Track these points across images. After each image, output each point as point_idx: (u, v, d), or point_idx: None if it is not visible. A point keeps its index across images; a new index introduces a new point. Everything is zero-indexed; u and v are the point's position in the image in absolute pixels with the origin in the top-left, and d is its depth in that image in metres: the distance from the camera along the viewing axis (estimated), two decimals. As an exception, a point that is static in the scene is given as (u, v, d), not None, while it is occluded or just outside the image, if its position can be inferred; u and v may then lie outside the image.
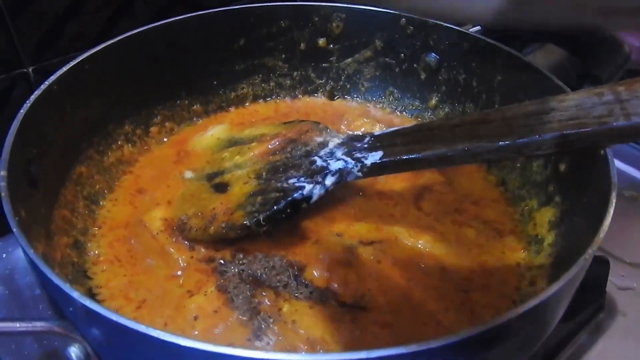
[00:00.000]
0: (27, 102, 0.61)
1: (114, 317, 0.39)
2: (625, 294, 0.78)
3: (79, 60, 0.70)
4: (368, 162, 0.66)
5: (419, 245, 0.68)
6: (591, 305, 0.74)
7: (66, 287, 0.41)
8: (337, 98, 0.94)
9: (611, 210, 0.49)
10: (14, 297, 0.74)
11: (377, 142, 0.68)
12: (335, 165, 0.67)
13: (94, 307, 0.40)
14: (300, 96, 0.94)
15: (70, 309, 0.42)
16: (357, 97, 0.94)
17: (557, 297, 0.44)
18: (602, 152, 0.57)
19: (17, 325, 0.41)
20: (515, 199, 0.74)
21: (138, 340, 0.40)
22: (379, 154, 0.66)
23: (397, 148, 0.65)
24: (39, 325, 0.42)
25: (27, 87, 0.87)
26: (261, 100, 0.93)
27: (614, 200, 0.50)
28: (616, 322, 0.75)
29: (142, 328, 0.38)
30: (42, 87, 0.64)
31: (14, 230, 0.46)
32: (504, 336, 0.44)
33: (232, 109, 0.91)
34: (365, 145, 0.68)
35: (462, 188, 0.77)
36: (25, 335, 0.53)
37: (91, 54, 0.71)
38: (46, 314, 0.72)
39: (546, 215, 0.68)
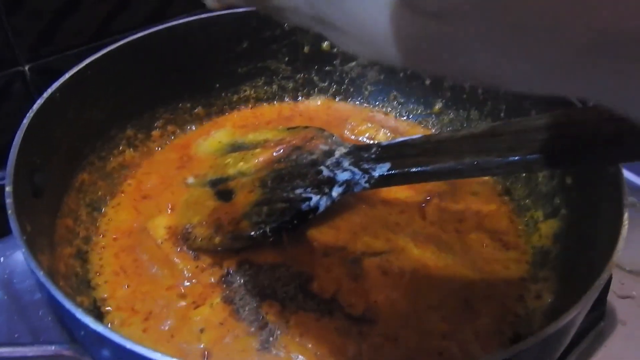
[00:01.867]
0: (30, 111, 0.60)
1: (128, 344, 0.38)
2: (624, 302, 0.78)
3: (81, 66, 0.68)
4: (376, 173, 0.65)
5: (425, 256, 0.68)
6: (592, 314, 0.74)
7: (78, 312, 0.40)
8: (341, 102, 0.93)
9: (624, 232, 0.49)
10: (13, 301, 0.73)
11: (385, 152, 0.67)
12: (342, 176, 0.67)
13: (106, 332, 0.39)
14: (303, 99, 0.93)
15: (82, 333, 0.42)
16: (360, 101, 0.93)
17: (575, 319, 0.45)
18: (611, 169, 0.56)
19: (28, 350, 0.41)
20: (520, 209, 0.74)
21: (152, 367, 0.39)
22: (387, 165, 0.65)
23: (405, 160, 0.65)
24: (50, 349, 0.41)
25: (23, 85, 0.86)
26: (264, 103, 0.92)
27: (626, 222, 0.50)
28: (616, 331, 0.75)
29: (158, 357, 0.38)
30: (45, 95, 0.62)
31: (23, 250, 0.45)
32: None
33: (234, 112, 0.90)
34: (373, 156, 0.67)
35: (467, 197, 0.77)
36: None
37: (93, 60, 0.70)
38: (47, 319, 0.71)
39: (552, 227, 0.68)
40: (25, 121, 0.58)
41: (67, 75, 0.66)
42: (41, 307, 0.73)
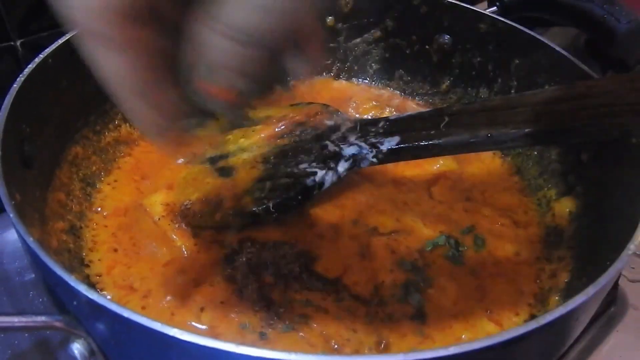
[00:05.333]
0: (21, 75, 0.56)
1: (126, 313, 0.35)
2: (636, 286, 0.76)
3: (76, 32, 0.65)
4: (384, 147, 0.63)
5: (434, 235, 0.65)
6: (603, 298, 0.72)
7: (71, 280, 0.37)
8: (344, 80, 0.90)
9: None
10: (2, 283, 0.70)
11: (393, 126, 0.64)
12: (348, 150, 0.64)
13: (102, 301, 0.36)
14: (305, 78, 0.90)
15: (74, 302, 0.38)
16: (365, 80, 0.90)
17: (597, 295, 0.42)
18: (634, 140, 0.54)
19: (16, 320, 0.38)
20: (532, 188, 0.72)
21: (151, 338, 0.36)
22: (396, 139, 0.63)
23: (415, 133, 0.62)
24: (39, 320, 0.38)
25: (14, 61, 0.82)
26: (266, 81, 0.88)
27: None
28: (627, 316, 0.73)
29: (157, 326, 0.35)
30: (37, 60, 0.59)
31: (11, 215, 0.42)
32: (536, 340, 0.41)
33: (234, 90, 0.87)
34: (381, 130, 0.65)
35: (476, 175, 0.74)
36: (24, 330, 0.50)
37: (89, 26, 0.66)
38: (37, 301, 0.68)
39: (566, 205, 0.65)
40: (16, 86, 0.55)
41: (60, 41, 0.62)
42: (31, 288, 0.69)
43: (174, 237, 0.63)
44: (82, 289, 0.36)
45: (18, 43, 0.83)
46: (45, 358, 0.62)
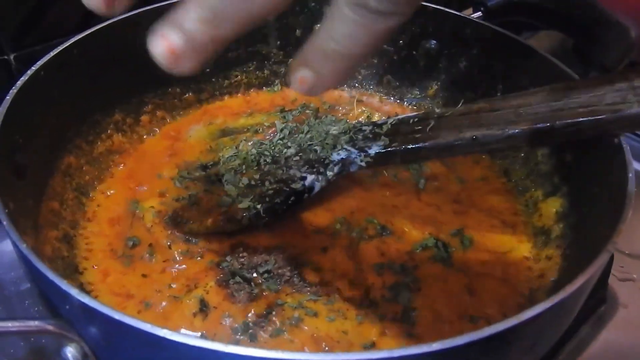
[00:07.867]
0: (14, 87, 0.57)
1: (117, 315, 0.36)
2: (625, 285, 0.77)
3: (67, 45, 0.66)
4: (372, 151, 0.64)
5: (423, 238, 0.66)
6: (593, 297, 0.73)
7: (63, 284, 0.38)
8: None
9: (631, 201, 0.48)
10: (-2, 293, 0.71)
11: (380, 130, 0.66)
12: (337, 155, 0.65)
13: (93, 304, 0.37)
14: (296, 84, 0.91)
15: (67, 306, 0.39)
16: (354, 86, 0.91)
17: (581, 290, 0.43)
18: (616, 140, 0.55)
19: (10, 325, 0.38)
20: (519, 189, 0.73)
21: (142, 340, 0.37)
22: (383, 143, 0.64)
23: (402, 137, 0.63)
24: (32, 324, 0.39)
25: (8, 74, 0.83)
26: (256, 89, 0.90)
27: (633, 190, 0.48)
28: (617, 314, 0.74)
29: (147, 327, 0.36)
30: (29, 72, 0.60)
31: (4, 223, 0.43)
32: (524, 334, 0.42)
33: (225, 98, 0.88)
34: (369, 135, 0.66)
35: (465, 178, 0.75)
36: (17, 335, 0.50)
37: (80, 39, 0.68)
38: (32, 310, 0.69)
39: (553, 206, 0.66)
40: (8, 97, 0.56)
41: (52, 54, 0.63)
42: (27, 297, 0.70)
43: (167, 243, 0.64)
44: (74, 292, 0.37)
45: (11, 57, 0.84)
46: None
